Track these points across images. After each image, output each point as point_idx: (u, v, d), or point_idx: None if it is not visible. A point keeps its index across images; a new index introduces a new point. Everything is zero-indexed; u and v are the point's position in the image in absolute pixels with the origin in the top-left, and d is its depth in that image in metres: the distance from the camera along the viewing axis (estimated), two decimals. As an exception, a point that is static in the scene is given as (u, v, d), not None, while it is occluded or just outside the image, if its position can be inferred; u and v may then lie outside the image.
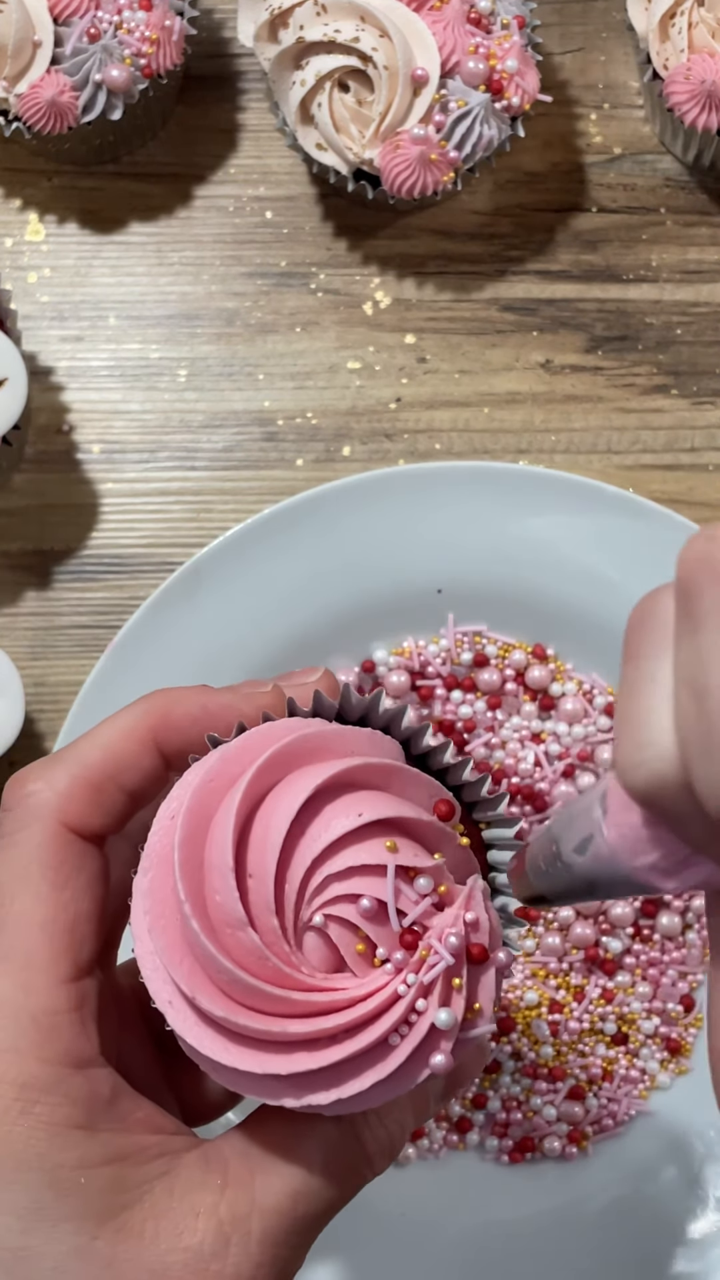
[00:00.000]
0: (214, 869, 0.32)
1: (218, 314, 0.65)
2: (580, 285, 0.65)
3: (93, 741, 0.36)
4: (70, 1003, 0.34)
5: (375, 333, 0.64)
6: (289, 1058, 0.32)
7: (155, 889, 0.33)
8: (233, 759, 0.33)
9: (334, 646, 0.60)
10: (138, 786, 0.36)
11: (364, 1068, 0.32)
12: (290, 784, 0.33)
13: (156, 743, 0.36)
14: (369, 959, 0.32)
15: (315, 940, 0.32)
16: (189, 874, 0.32)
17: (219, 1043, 0.32)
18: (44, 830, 0.35)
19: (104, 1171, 0.33)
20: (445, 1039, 0.32)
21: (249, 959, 0.32)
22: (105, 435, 0.64)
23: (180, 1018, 0.32)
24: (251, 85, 0.66)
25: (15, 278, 0.65)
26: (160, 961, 0.32)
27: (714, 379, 0.64)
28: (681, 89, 0.59)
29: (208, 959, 0.32)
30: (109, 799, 0.36)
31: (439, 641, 0.60)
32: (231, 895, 0.31)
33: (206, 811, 0.33)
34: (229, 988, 0.32)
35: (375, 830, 0.33)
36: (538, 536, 0.59)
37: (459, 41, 0.57)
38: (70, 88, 0.58)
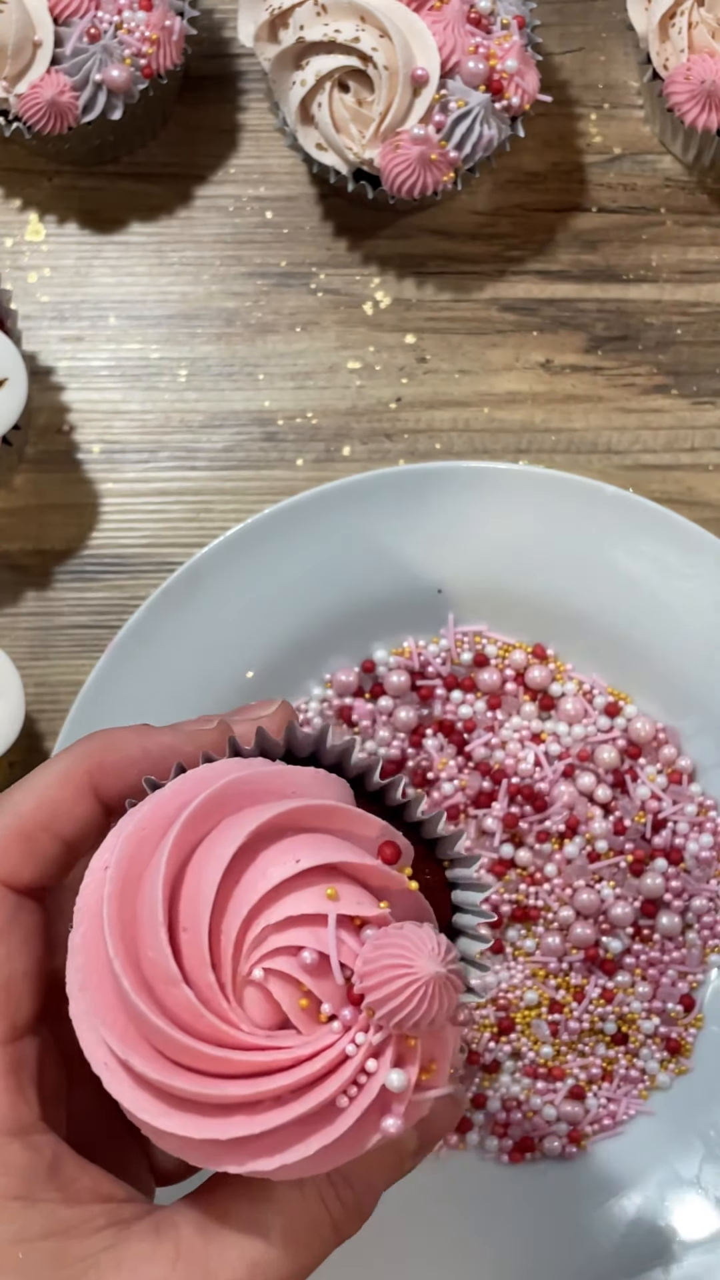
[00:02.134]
0: (145, 923, 0.30)
1: (218, 314, 0.65)
2: (580, 285, 0.65)
3: (26, 789, 0.34)
4: (5, 1066, 0.32)
5: (375, 333, 0.64)
6: (228, 1121, 0.30)
7: (87, 944, 0.31)
8: (165, 805, 0.32)
9: (334, 646, 0.60)
10: (74, 835, 0.34)
11: (310, 1131, 0.30)
12: (224, 831, 0.31)
13: (94, 788, 0.34)
14: (314, 1014, 0.31)
15: (255, 995, 0.31)
16: (120, 929, 0.30)
17: (156, 1106, 0.30)
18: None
19: (44, 1245, 0.30)
20: (398, 1101, 0.30)
21: (184, 1017, 0.30)
22: (105, 435, 0.64)
23: (115, 1080, 0.31)
24: (251, 85, 0.66)
25: (15, 278, 0.65)
26: (93, 1022, 0.31)
27: (714, 379, 0.64)
28: (681, 89, 0.59)
29: (140, 1018, 0.30)
30: (43, 849, 0.34)
31: (439, 641, 0.60)
32: (163, 951, 0.30)
33: (138, 862, 0.31)
34: (165, 1047, 0.30)
35: (315, 876, 0.31)
36: (538, 536, 0.59)
37: (459, 41, 0.57)
38: (70, 88, 0.58)
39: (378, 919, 0.31)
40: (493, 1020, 0.59)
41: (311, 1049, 0.30)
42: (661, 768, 0.60)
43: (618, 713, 0.60)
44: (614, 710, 0.60)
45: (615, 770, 0.59)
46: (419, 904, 0.33)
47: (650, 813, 0.59)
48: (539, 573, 0.59)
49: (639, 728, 0.59)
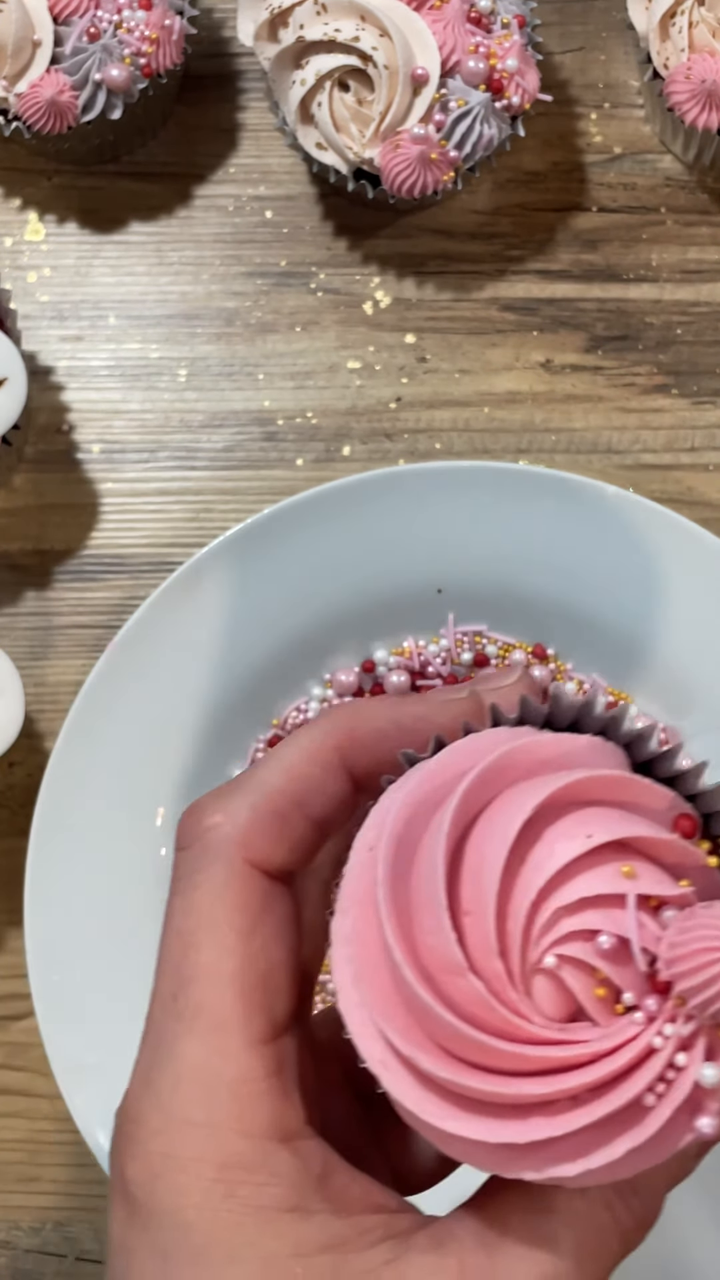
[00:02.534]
0: (425, 907, 0.28)
1: (218, 313, 0.65)
2: (580, 285, 0.65)
3: (274, 766, 0.32)
4: (269, 1067, 0.29)
5: (375, 332, 0.64)
6: (525, 1124, 0.27)
7: (358, 933, 0.28)
8: (435, 778, 0.29)
9: (334, 646, 0.60)
10: (325, 814, 0.32)
11: (615, 1133, 0.27)
12: (505, 804, 0.28)
13: (344, 764, 0.32)
14: (611, 1005, 0.28)
15: (545, 985, 0.28)
16: (396, 915, 0.28)
17: (444, 1108, 0.28)
18: (227, 869, 0.31)
19: (322, 1260, 0.28)
20: (711, 1098, 0.27)
21: (472, 1009, 0.27)
22: (105, 435, 0.64)
23: (396, 1080, 0.28)
24: (251, 85, 0.66)
25: (15, 277, 0.65)
26: (369, 1016, 0.28)
27: (714, 379, 0.64)
28: (682, 88, 0.59)
29: (425, 1012, 0.27)
30: (296, 830, 0.31)
31: (439, 641, 0.60)
32: (448, 937, 0.27)
33: (410, 841, 0.28)
34: (451, 1044, 0.28)
35: (608, 853, 0.28)
36: (538, 536, 0.59)
37: (459, 41, 0.57)
38: (70, 87, 0.58)
39: (679, 899, 0.28)
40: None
41: (612, 1043, 0.27)
42: (662, 768, 0.59)
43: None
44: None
45: (615, 770, 0.59)
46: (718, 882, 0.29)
47: (650, 813, 0.59)
48: (539, 573, 0.59)
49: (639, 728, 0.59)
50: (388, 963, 0.28)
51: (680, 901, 0.28)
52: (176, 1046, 0.29)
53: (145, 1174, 0.29)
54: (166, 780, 0.59)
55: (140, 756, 0.58)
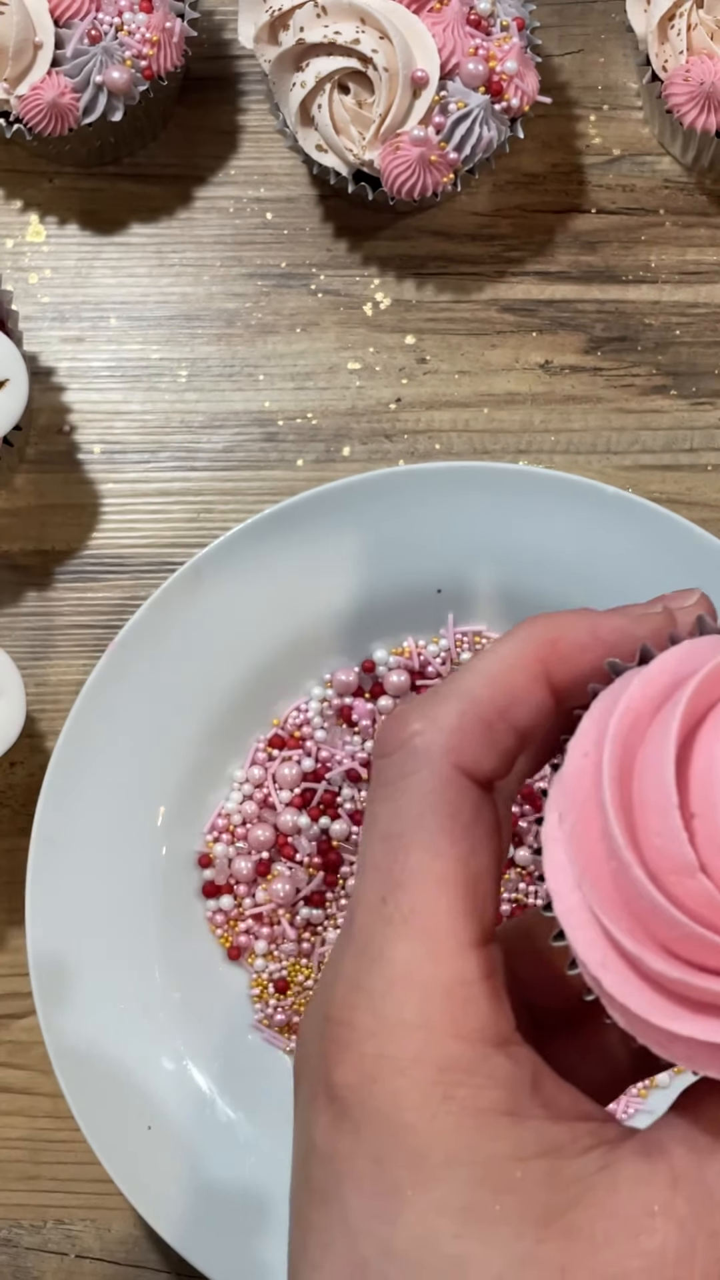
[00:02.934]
0: (652, 808, 0.27)
1: (218, 315, 0.65)
2: (579, 286, 0.65)
3: (477, 675, 0.31)
4: (481, 970, 0.29)
5: (375, 333, 0.65)
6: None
7: (577, 835, 0.28)
8: (656, 684, 0.29)
9: (334, 646, 0.60)
10: (528, 723, 0.31)
11: None
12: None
13: (545, 674, 0.31)
14: None
15: None
16: (623, 814, 0.27)
17: (670, 1009, 0.27)
18: (436, 775, 0.30)
19: (539, 1165, 0.28)
20: None
21: (702, 910, 0.27)
22: (106, 436, 0.64)
23: (621, 982, 0.27)
24: (252, 87, 0.66)
25: (16, 279, 0.65)
26: (593, 917, 0.28)
27: (713, 380, 0.64)
28: (680, 90, 0.59)
29: (654, 912, 0.27)
30: (501, 738, 0.31)
31: (439, 641, 0.61)
32: (679, 836, 0.27)
33: (633, 745, 0.28)
34: (679, 945, 0.27)
35: None
36: (538, 536, 0.59)
37: (459, 43, 0.57)
38: (71, 89, 0.58)
39: None
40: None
41: None
42: (661, 767, 0.60)
43: (617, 712, 0.60)
44: (613, 710, 0.60)
45: (615, 770, 0.59)
46: None
47: (649, 812, 0.59)
48: (539, 573, 0.59)
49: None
50: (610, 865, 0.27)
51: None
52: (388, 949, 0.29)
53: (358, 1076, 0.28)
54: (167, 779, 0.59)
55: (141, 756, 0.58)
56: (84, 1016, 0.57)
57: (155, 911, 0.59)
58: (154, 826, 0.59)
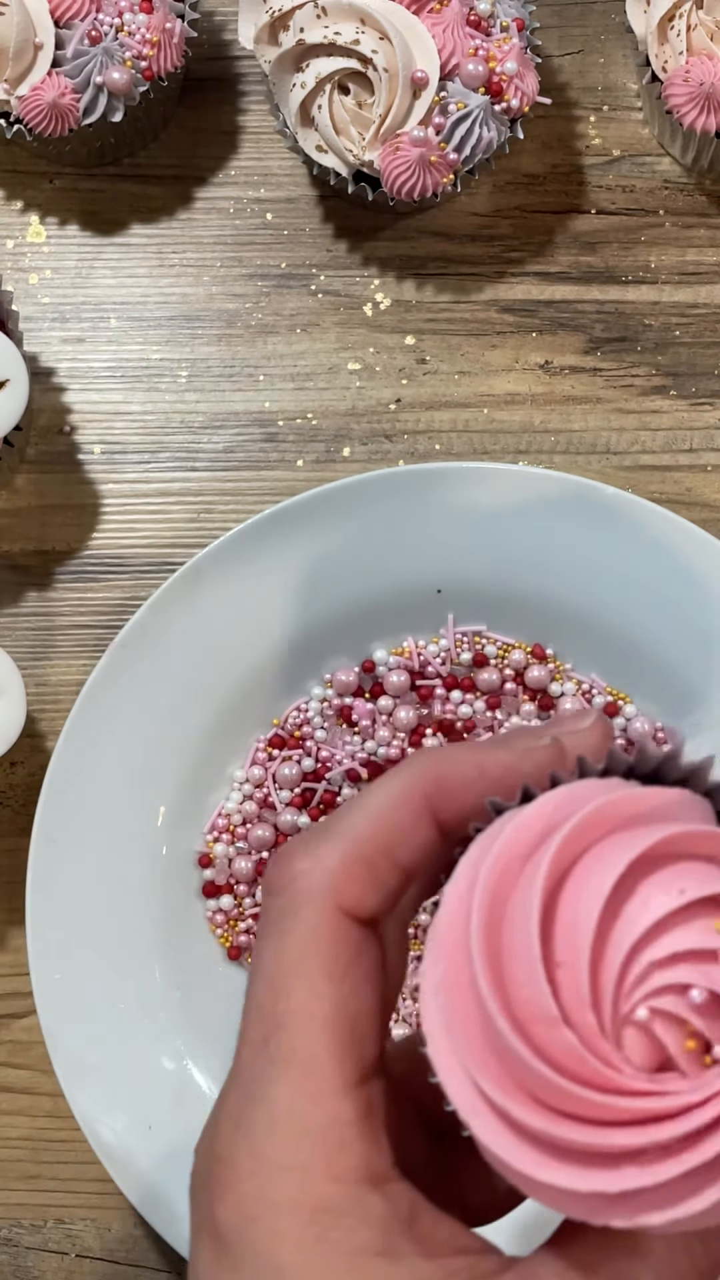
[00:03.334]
0: (518, 958, 0.28)
1: (218, 315, 0.65)
2: (579, 287, 0.65)
3: (362, 813, 0.32)
4: (359, 1111, 0.30)
5: (375, 334, 0.65)
6: (617, 1173, 0.27)
7: (449, 982, 0.29)
8: (529, 829, 0.29)
9: (334, 646, 0.60)
10: (412, 861, 0.32)
11: (705, 1184, 0.27)
12: (599, 857, 0.29)
13: (430, 811, 0.32)
14: (700, 1057, 0.28)
15: (636, 1036, 0.28)
16: (490, 966, 0.28)
17: (534, 1156, 0.28)
18: (317, 915, 0.31)
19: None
20: None
21: (565, 1060, 0.27)
22: (106, 436, 0.64)
23: (488, 1129, 0.28)
24: (252, 87, 0.66)
25: (17, 279, 0.65)
26: (461, 1064, 0.28)
27: (713, 380, 0.64)
28: (680, 91, 0.59)
29: (517, 1062, 0.28)
30: (385, 877, 0.31)
31: (439, 641, 0.61)
32: (542, 988, 0.27)
33: (503, 893, 0.29)
34: (544, 1094, 0.28)
35: (700, 909, 0.28)
36: (537, 536, 0.59)
37: (459, 44, 0.58)
38: (71, 90, 0.58)
39: None
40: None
41: (703, 1094, 0.28)
42: (660, 767, 0.60)
43: (617, 712, 0.60)
44: (613, 710, 0.60)
45: (614, 770, 0.59)
46: None
47: (649, 812, 0.59)
48: (539, 573, 0.59)
49: (638, 728, 0.60)
50: (480, 1012, 0.28)
51: None
52: (269, 1090, 0.29)
53: (238, 1215, 0.29)
54: (168, 779, 0.59)
55: (141, 756, 0.58)
56: (84, 1016, 0.57)
57: (155, 911, 0.59)
58: (154, 826, 0.59)
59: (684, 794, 0.30)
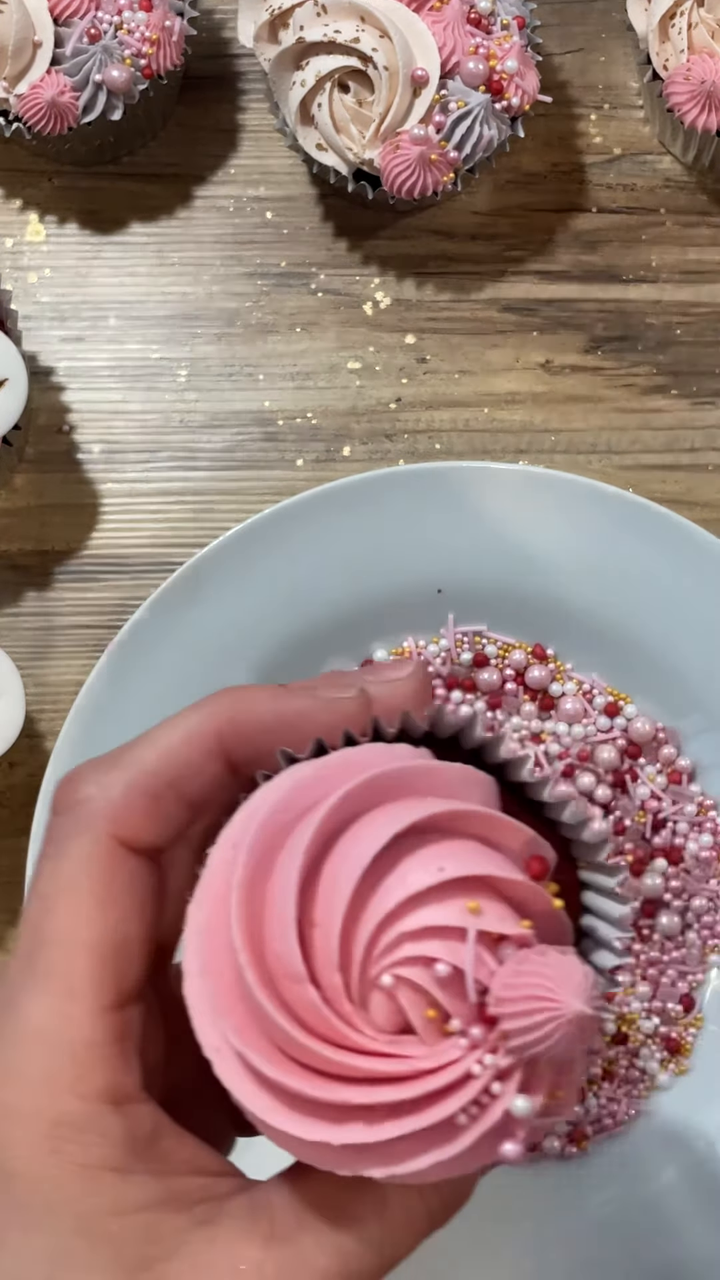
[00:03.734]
0: (275, 916, 0.29)
1: (218, 314, 0.65)
2: (580, 286, 0.65)
3: (152, 745, 0.33)
4: (112, 1034, 0.31)
5: (375, 333, 0.65)
6: (343, 1128, 0.29)
7: (209, 929, 0.30)
8: (306, 790, 0.30)
9: (334, 646, 0.60)
10: (199, 796, 0.33)
11: (425, 1146, 0.29)
12: (366, 827, 0.29)
13: (223, 750, 0.33)
14: (439, 1027, 0.29)
15: (381, 1001, 0.29)
16: (247, 918, 0.29)
17: (269, 1101, 0.29)
18: (94, 842, 0.31)
19: (139, 1218, 0.30)
20: (520, 1127, 0.29)
21: (307, 1016, 0.29)
22: (106, 435, 0.64)
23: (228, 1069, 0.29)
24: (252, 86, 0.66)
25: (16, 278, 0.65)
26: (210, 1007, 0.29)
27: (714, 379, 0.64)
28: (681, 89, 0.59)
29: (261, 1013, 0.29)
30: (167, 810, 0.32)
31: (439, 641, 0.60)
32: (292, 947, 0.28)
33: (272, 847, 0.30)
34: (284, 1045, 0.29)
35: (457, 887, 0.29)
36: (538, 536, 0.59)
37: (459, 42, 0.57)
38: (70, 88, 0.58)
39: (519, 938, 0.29)
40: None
41: (435, 1063, 0.29)
42: (661, 768, 0.60)
43: (617, 713, 0.60)
44: (614, 710, 0.60)
45: (615, 770, 0.59)
46: (562, 926, 0.31)
47: (650, 813, 0.59)
48: (539, 573, 0.59)
49: (639, 728, 0.59)
50: (233, 963, 0.29)
51: (519, 941, 0.29)
52: (25, 1003, 0.30)
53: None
54: (167, 780, 0.59)
55: (140, 756, 0.58)
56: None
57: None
58: (154, 827, 0.59)
59: (467, 770, 0.31)
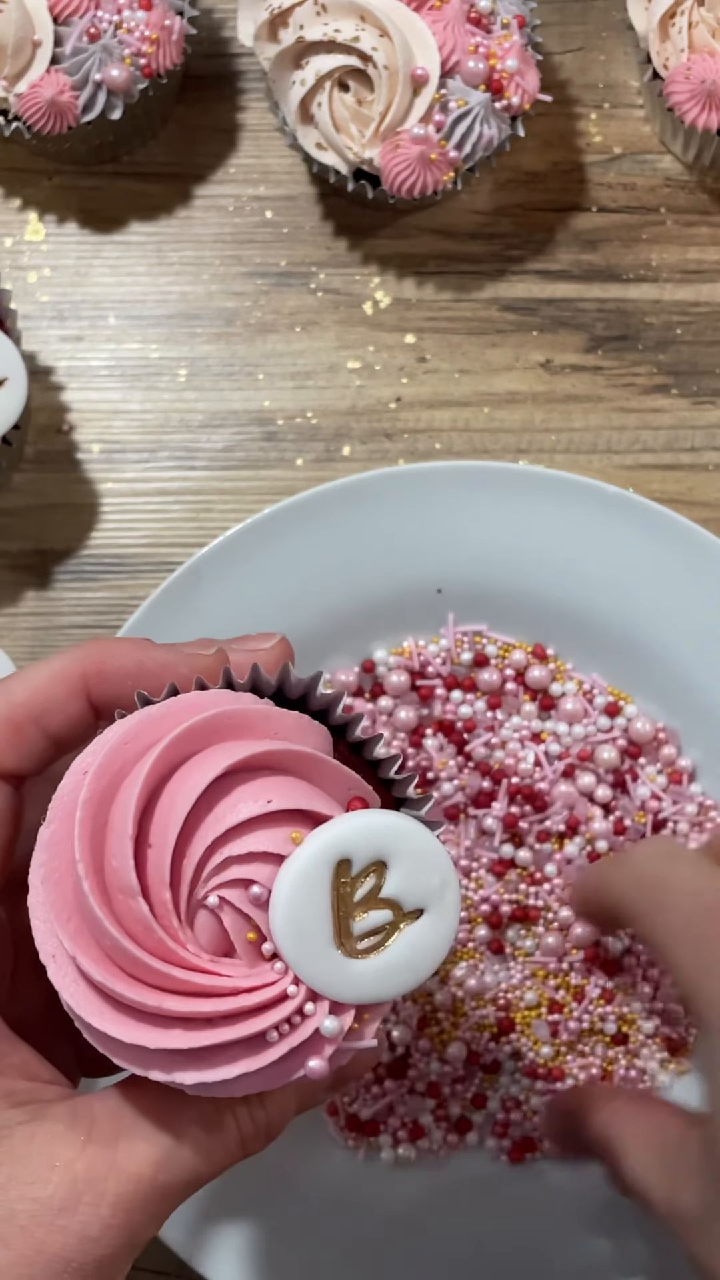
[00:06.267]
0: (114, 834, 0.31)
1: (218, 314, 0.65)
2: (580, 285, 0.65)
3: (20, 680, 0.36)
4: None
5: (375, 332, 0.64)
6: (161, 1033, 0.31)
7: (55, 842, 0.32)
8: (153, 724, 0.33)
9: (334, 646, 0.60)
10: (62, 732, 0.36)
11: (236, 1057, 0.31)
12: (204, 759, 0.32)
13: (87, 691, 0.35)
14: (258, 949, 0.32)
15: (207, 920, 0.32)
16: (90, 835, 0.32)
17: (95, 1005, 0.32)
18: None
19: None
20: (328, 1044, 0.32)
21: (136, 929, 0.31)
22: (105, 435, 0.64)
23: (60, 974, 0.32)
24: (251, 85, 0.66)
25: (15, 277, 0.65)
26: (49, 915, 0.32)
27: (714, 379, 0.64)
28: (682, 88, 0.59)
29: (94, 922, 0.31)
30: (29, 741, 0.35)
31: (439, 641, 0.60)
32: (127, 862, 0.31)
33: (118, 773, 0.32)
34: (113, 954, 0.31)
35: (283, 819, 0.32)
36: (538, 536, 0.59)
37: (459, 41, 0.57)
38: (70, 87, 0.58)
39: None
40: (493, 1020, 0.59)
41: (252, 983, 0.31)
42: (661, 768, 0.60)
43: (618, 713, 0.60)
44: (614, 710, 0.60)
45: (615, 770, 0.59)
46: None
47: (650, 813, 0.59)
48: (539, 573, 0.59)
49: (639, 728, 0.59)
50: (73, 874, 0.31)
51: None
52: None
53: None
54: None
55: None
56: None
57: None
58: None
59: (302, 718, 0.34)
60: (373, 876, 0.32)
